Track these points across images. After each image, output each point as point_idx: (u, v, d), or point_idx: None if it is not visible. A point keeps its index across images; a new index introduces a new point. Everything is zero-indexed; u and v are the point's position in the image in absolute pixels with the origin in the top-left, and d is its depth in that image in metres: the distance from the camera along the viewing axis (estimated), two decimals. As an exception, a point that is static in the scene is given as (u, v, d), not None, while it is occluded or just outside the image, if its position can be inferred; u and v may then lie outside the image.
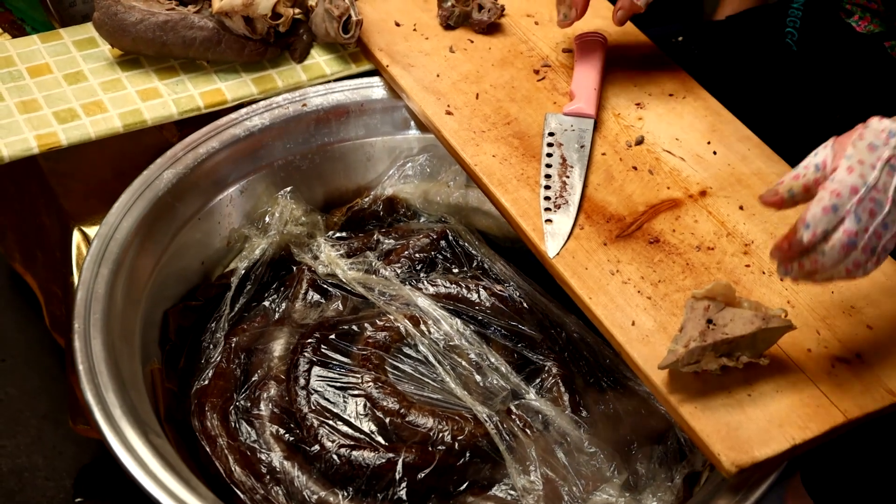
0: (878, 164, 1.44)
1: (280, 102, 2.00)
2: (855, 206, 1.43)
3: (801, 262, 1.46)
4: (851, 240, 1.43)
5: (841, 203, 1.43)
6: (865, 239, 1.44)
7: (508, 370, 1.77)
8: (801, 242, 1.44)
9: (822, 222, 1.44)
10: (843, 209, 1.43)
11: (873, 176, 1.44)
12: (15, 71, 2.01)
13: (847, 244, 1.43)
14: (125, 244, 1.76)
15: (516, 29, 2.12)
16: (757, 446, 1.49)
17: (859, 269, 1.46)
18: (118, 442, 1.53)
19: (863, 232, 1.44)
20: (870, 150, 1.45)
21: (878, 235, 1.45)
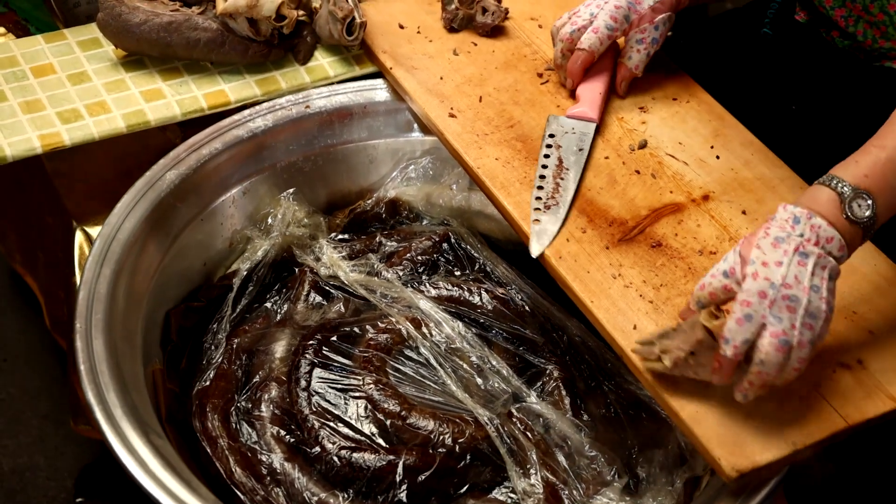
0: (784, 259, 1.46)
1: (283, 104, 2.00)
2: (768, 310, 1.44)
3: (749, 380, 1.48)
4: (782, 340, 1.44)
5: (754, 311, 1.44)
6: (796, 335, 1.45)
7: (510, 373, 1.77)
8: (728, 357, 1.46)
9: (739, 334, 1.45)
10: (758, 316, 1.44)
11: (780, 274, 1.45)
12: (19, 71, 2.01)
13: (780, 345, 1.44)
14: (127, 244, 1.76)
15: (520, 32, 2.12)
16: (758, 451, 1.49)
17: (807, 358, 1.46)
18: (119, 442, 1.53)
19: (790, 329, 1.44)
20: (774, 246, 1.47)
21: (808, 327, 1.45)
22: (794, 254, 1.46)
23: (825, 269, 1.47)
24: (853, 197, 1.50)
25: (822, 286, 1.46)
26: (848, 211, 1.50)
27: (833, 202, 1.50)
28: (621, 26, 1.89)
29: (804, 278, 1.45)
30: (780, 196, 1.81)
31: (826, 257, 1.47)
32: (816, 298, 1.45)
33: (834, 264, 1.48)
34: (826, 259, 1.47)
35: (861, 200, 1.50)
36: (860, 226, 1.50)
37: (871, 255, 1.74)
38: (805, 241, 1.48)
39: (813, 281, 1.46)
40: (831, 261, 1.48)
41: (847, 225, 1.50)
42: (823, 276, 1.47)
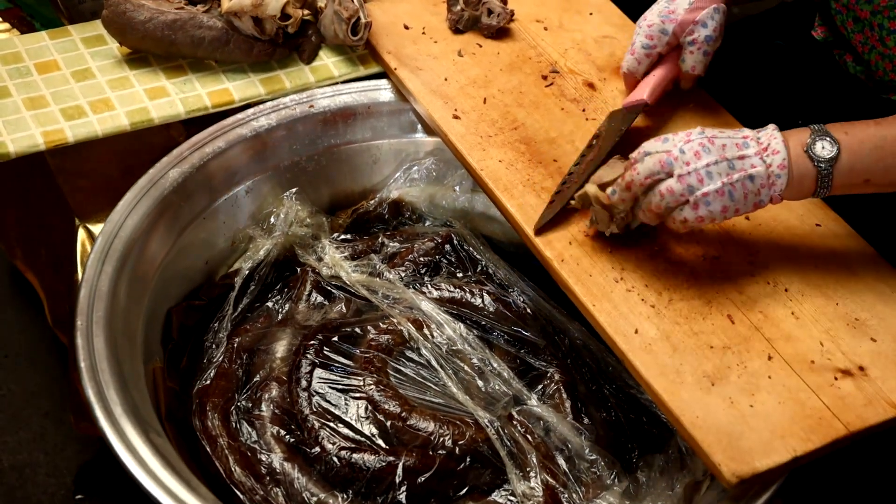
0: (729, 132, 1.60)
1: (287, 103, 2.00)
2: (682, 144, 1.58)
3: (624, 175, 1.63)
4: (668, 159, 1.58)
5: (672, 139, 1.60)
6: (685, 169, 1.56)
7: (511, 375, 1.77)
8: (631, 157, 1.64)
9: (648, 145, 1.62)
10: (670, 143, 1.59)
11: (714, 133, 1.59)
12: (23, 67, 2.01)
13: (664, 161, 1.58)
14: (130, 242, 1.76)
15: (525, 34, 2.12)
16: (758, 457, 1.49)
17: (673, 198, 1.57)
18: (119, 440, 1.53)
19: (683, 164, 1.56)
20: (734, 130, 1.61)
21: (698, 178, 1.56)
22: (740, 137, 1.60)
23: (753, 168, 1.57)
24: (822, 135, 1.59)
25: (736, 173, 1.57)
26: (810, 144, 1.58)
27: (803, 135, 1.60)
28: (660, 40, 1.88)
29: (730, 151, 1.57)
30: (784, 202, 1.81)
31: (761, 162, 1.57)
32: (724, 172, 1.56)
33: (762, 174, 1.57)
34: (760, 164, 1.57)
35: (827, 143, 1.58)
36: (814, 164, 1.58)
37: (873, 262, 1.74)
38: (757, 140, 1.60)
39: (734, 160, 1.57)
40: (762, 169, 1.57)
41: (803, 159, 1.58)
42: (746, 169, 1.57)
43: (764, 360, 1.60)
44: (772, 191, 1.59)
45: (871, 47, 1.83)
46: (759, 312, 1.66)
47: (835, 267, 1.73)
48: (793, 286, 1.69)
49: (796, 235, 1.77)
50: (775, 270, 1.71)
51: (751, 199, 1.58)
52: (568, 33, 2.12)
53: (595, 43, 2.10)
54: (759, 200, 1.59)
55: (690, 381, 1.57)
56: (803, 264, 1.73)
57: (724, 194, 1.56)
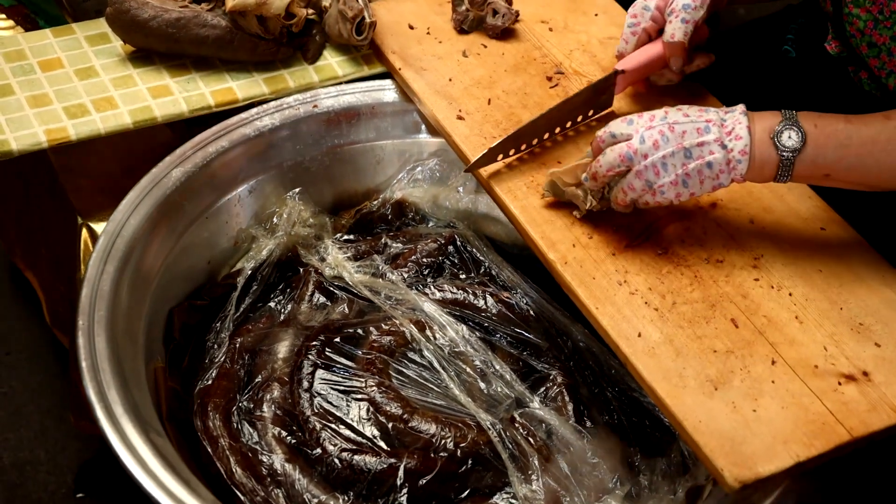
0: (692, 116, 1.63)
1: (291, 103, 1.99)
2: (644, 130, 1.63)
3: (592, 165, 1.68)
4: (629, 153, 1.64)
5: (637, 121, 1.65)
6: (643, 164, 1.63)
7: (513, 378, 1.76)
8: (598, 136, 1.68)
9: (614, 126, 1.67)
10: (634, 126, 1.65)
11: (676, 118, 1.63)
12: (26, 65, 2.01)
13: (624, 154, 1.64)
14: (132, 241, 1.76)
15: (530, 35, 2.11)
16: (760, 462, 1.48)
17: (634, 193, 1.66)
18: (119, 440, 1.53)
19: (642, 157, 1.63)
20: (700, 110, 1.65)
21: (655, 170, 1.63)
22: (702, 121, 1.63)
23: (711, 155, 1.62)
24: (789, 125, 1.61)
25: (693, 162, 1.62)
26: (777, 133, 1.61)
27: (772, 122, 1.63)
28: (643, 16, 1.89)
29: (689, 139, 1.62)
30: (788, 205, 1.81)
31: (720, 148, 1.61)
32: (679, 163, 1.62)
33: (721, 161, 1.61)
34: (719, 150, 1.61)
35: (794, 133, 1.61)
36: (777, 153, 1.61)
37: (878, 266, 1.73)
38: (721, 123, 1.63)
39: (691, 147, 1.62)
40: (721, 156, 1.61)
41: (767, 145, 1.62)
42: (703, 157, 1.62)
43: (767, 364, 1.59)
44: (732, 174, 1.64)
45: (890, 72, 1.82)
46: (762, 316, 1.65)
47: (839, 271, 1.72)
48: (797, 290, 1.69)
49: (801, 239, 1.76)
50: (779, 274, 1.71)
51: (708, 184, 1.65)
52: (573, 34, 2.11)
53: (600, 44, 2.09)
54: (718, 183, 1.65)
55: (693, 386, 1.56)
56: (807, 268, 1.72)
57: (677, 184, 1.64)
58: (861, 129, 1.62)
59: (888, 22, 1.77)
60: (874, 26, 1.80)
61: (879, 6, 1.78)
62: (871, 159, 1.62)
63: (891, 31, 1.78)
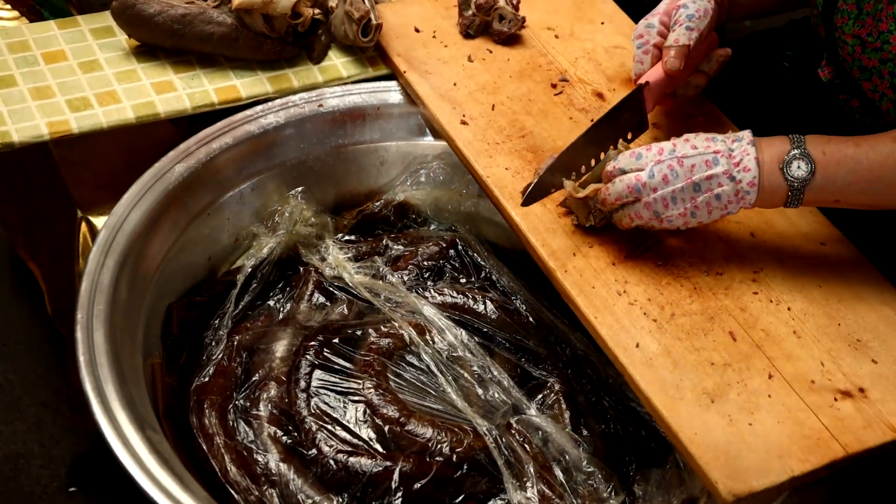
0: (700, 148, 1.63)
1: (296, 101, 1.99)
2: (653, 164, 1.64)
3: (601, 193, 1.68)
4: (637, 186, 1.64)
5: (646, 155, 1.65)
6: (651, 196, 1.63)
7: (510, 384, 1.76)
8: (606, 169, 1.69)
9: (623, 160, 1.67)
10: (643, 160, 1.65)
11: (685, 151, 1.63)
12: (30, 56, 2.01)
13: (633, 186, 1.64)
14: (133, 236, 1.75)
15: (536, 41, 2.11)
16: (755, 476, 1.48)
17: (641, 221, 1.67)
18: (115, 435, 1.52)
19: (651, 190, 1.63)
20: (707, 140, 1.65)
21: (664, 203, 1.64)
22: (710, 152, 1.63)
23: (720, 187, 1.62)
24: (799, 156, 1.62)
25: (702, 195, 1.63)
26: (786, 163, 1.62)
27: (781, 150, 1.63)
28: (649, 34, 1.87)
29: (698, 173, 1.62)
30: (789, 220, 1.81)
31: (729, 181, 1.62)
32: (689, 196, 1.63)
33: (730, 192, 1.62)
34: (728, 182, 1.62)
35: (803, 163, 1.62)
36: (787, 182, 1.62)
37: (877, 283, 1.73)
38: (729, 153, 1.63)
39: (700, 181, 1.62)
40: (730, 188, 1.62)
41: (776, 175, 1.63)
42: (713, 189, 1.63)
43: (764, 378, 1.59)
44: (741, 204, 1.65)
45: (882, 94, 1.82)
46: (760, 330, 1.65)
47: (838, 287, 1.72)
48: (795, 305, 1.69)
49: (800, 254, 1.76)
50: (778, 288, 1.71)
51: (716, 213, 1.66)
52: (579, 42, 2.11)
53: (605, 53, 2.09)
54: (726, 212, 1.66)
55: (690, 398, 1.56)
56: (807, 283, 1.72)
57: (686, 215, 1.65)
58: (869, 153, 1.62)
59: (877, 43, 1.77)
60: (862, 50, 1.80)
61: (868, 29, 1.78)
62: (880, 183, 1.63)
63: (879, 53, 1.78)
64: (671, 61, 1.82)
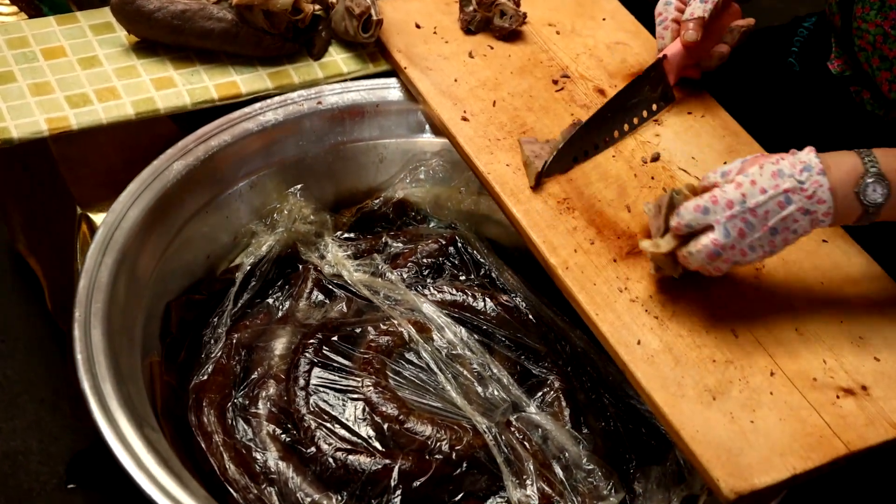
0: (770, 191, 1.54)
1: (295, 99, 1.98)
2: (725, 220, 1.55)
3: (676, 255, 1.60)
4: (716, 251, 1.56)
5: (713, 209, 1.56)
6: (730, 254, 1.56)
7: (510, 382, 1.76)
8: (672, 225, 1.59)
9: (689, 215, 1.56)
10: (713, 215, 1.55)
11: (756, 200, 1.54)
12: (29, 52, 2.00)
13: (713, 253, 1.56)
14: (131, 234, 1.75)
15: (537, 37, 2.10)
16: (757, 474, 1.48)
17: (720, 272, 1.60)
18: (113, 434, 1.51)
19: (729, 248, 1.56)
20: (773, 176, 1.55)
21: (742, 253, 1.56)
22: (781, 193, 1.54)
23: (795, 223, 1.55)
24: (876, 179, 1.55)
25: (779, 236, 1.56)
26: (862, 187, 1.55)
27: (853, 173, 1.56)
28: (667, 10, 1.91)
29: (772, 218, 1.54)
30: (792, 216, 1.80)
31: (804, 216, 1.55)
32: (766, 241, 1.55)
33: (805, 225, 1.56)
34: (802, 217, 1.55)
35: (880, 186, 1.55)
36: (863, 208, 1.56)
37: (879, 280, 1.73)
38: (801, 188, 1.54)
39: (777, 225, 1.55)
40: (805, 222, 1.55)
41: (851, 199, 1.56)
42: (789, 227, 1.55)
43: (766, 375, 1.59)
44: (812, 228, 1.58)
45: None
46: (762, 327, 1.64)
47: (840, 284, 1.72)
48: (798, 302, 1.68)
49: (803, 251, 1.75)
50: (780, 285, 1.70)
51: (791, 242, 1.59)
52: (580, 38, 2.10)
53: (607, 49, 2.08)
54: (797, 238, 1.59)
55: (691, 395, 1.55)
56: (809, 280, 1.71)
57: (765, 255, 1.59)
58: None
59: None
60: (884, 40, 1.79)
61: (892, 21, 1.77)
62: None
63: None
64: (688, 34, 1.86)
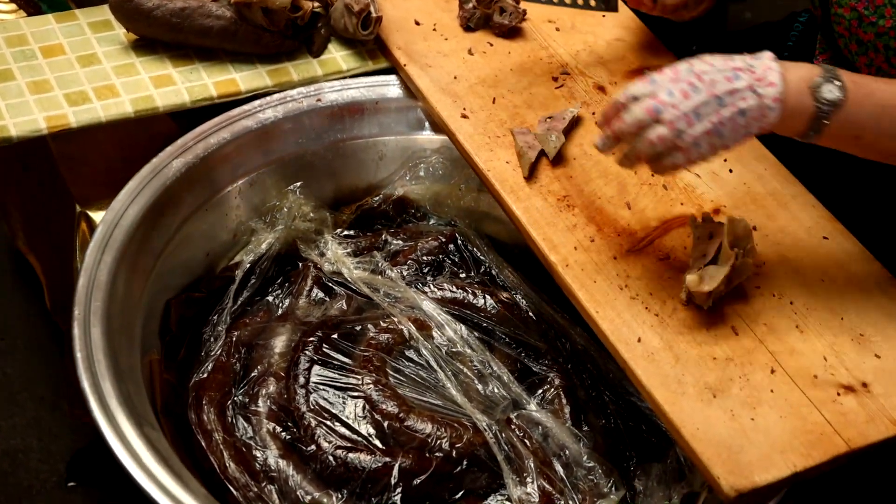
0: (718, 65, 1.53)
1: (294, 96, 1.98)
2: (669, 84, 1.52)
3: (612, 123, 1.56)
4: (657, 106, 1.51)
5: (661, 78, 1.54)
6: (673, 114, 1.50)
7: (510, 379, 1.75)
8: (617, 101, 1.56)
9: (638, 88, 1.54)
10: (660, 82, 1.53)
11: (703, 69, 1.52)
12: (28, 50, 1.99)
13: (652, 109, 1.52)
14: (130, 232, 1.74)
15: (537, 34, 2.10)
16: (757, 471, 1.48)
17: (663, 145, 1.51)
18: (112, 432, 1.52)
19: (671, 107, 1.51)
20: (725, 58, 1.54)
21: (687, 120, 1.50)
22: (730, 69, 1.53)
23: (743, 101, 1.51)
24: (830, 78, 1.54)
25: (726, 109, 1.51)
26: (817, 84, 1.54)
27: (811, 73, 1.55)
28: None
29: (719, 87, 1.51)
30: (792, 213, 1.80)
31: (752, 94, 1.51)
32: (713, 111, 1.51)
33: (754, 107, 1.51)
34: (751, 96, 1.51)
35: (834, 86, 1.54)
36: (814, 105, 1.54)
37: (880, 277, 1.72)
38: (750, 69, 1.53)
39: (723, 95, 1.51)
40: (754, 102, 1.51)
41: (804, 95, 1.54)
42: (736, 104, 1.51)
43: (767, 373, 1.59)
44: (762, 122, 1.54)
45: (878, 68, 1.80)
46: (763, 325, 1.64)
47: (841, 281, 1.71)
48: (798, 299, 1.68)
49: (803, 248, 1.75)
50: (781, 282, 1.70)
51: (740, 133, 1.54)
52: (580, 35, 2.10)
53: (607, 45, 2.08)
54: (747, 132, 1.55)
55: (692, 393, 1.55)
56: (809, 277, 1.71)
57: (713, 133, 1.52)
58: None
59: (873, 17, 1.76)
60: (858, 24, 1.78)
61: (865, 2, 1.76)
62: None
63: (875, 27, 1.76)
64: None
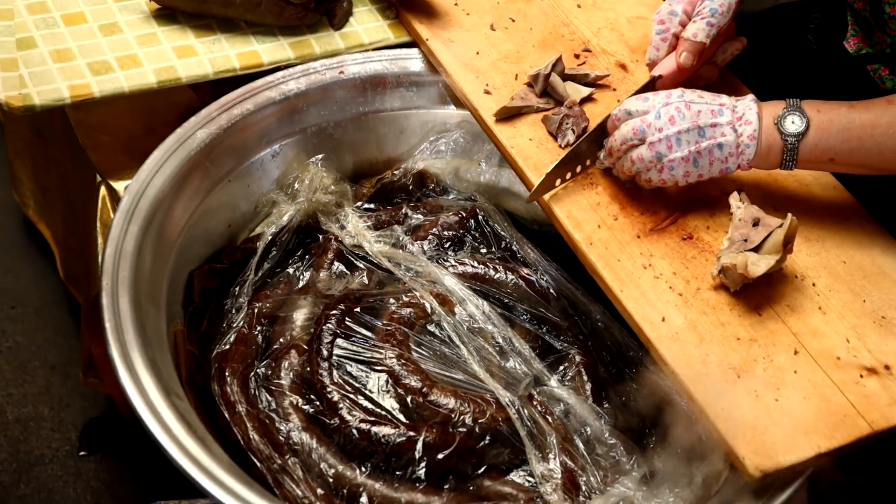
0: (707, 98, 1.68)
1: (317, 68, 1.97)
2: (660, 107, 1.67)
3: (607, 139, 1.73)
4: (642, 127, 1.68)
5: (653, 98, 1.70)
6: (656, 136, 1.65)
7: (531, 355, 1.76)
8: (613, 116, 1.73)
9: (633, 104, 1.71)
10: (652, 101, 1.69)
11: (691, 97, 1.68)
12: (49, 17, 1.98)
13: (638, 129, 1.68)
14: (156, 202, 1.74)
15: (559, 11, 2.09)
16: (782, 452, 1.49)
17: (642, 164, 1.69)
18: (141, 400, 1.52)
19: (656, 130, 1.66)
20: (714, 95, 1.69)
21: (668, 144, 1.66)
22: (717, 104, 1.68)
23: (723, 136, 1.66)
24: (793, 110, 1.65)
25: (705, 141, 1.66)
26: (781, 119, 1.66)
27: (777, 107, 1.67)
28: (671, 22, 1.84)
29: (703, 119, 1.66)
30: (813, 193, 1.81)
31: (732, 132, 1.66)
32: (693, 140, 1.66)
33: (731, 143, 1.66)
34: (730, 133, 1.66)
35: (797, 118, 1.65)
36: (781, 138, 1.66)
37: (903, 260, 1.73)
38: (733, 108, 1.68)
39: (705, 127, 1.66)
40: (731, 139, 1.66)
41: (771, 129, 1.66)
42: (716, 137, 1.66)
43: (790, 354, 1.60)
44: (740, 159, 1.68)
45: None
46: (786, 306, 1.65)
47: (863, 263, 1.72)
48: (820, 281, 1.69)
49: (825, 230, 1.76)
50: (803, 264, 1.71)
51: (717, 166, 1.69)
52: (602, 12, 2.10)
53: (629, 23, 2.08)
54: (725, 168, 1.69)
55: (717, 373, 1.56)
56: (831, 259, 1.72)
57: (688, 161, 1.67)
58: (862, 114, 1.65)
59: None
60: None
61: None
62: (872, 142, 1.64)
63: None
64: (685, 56, 1.82)
